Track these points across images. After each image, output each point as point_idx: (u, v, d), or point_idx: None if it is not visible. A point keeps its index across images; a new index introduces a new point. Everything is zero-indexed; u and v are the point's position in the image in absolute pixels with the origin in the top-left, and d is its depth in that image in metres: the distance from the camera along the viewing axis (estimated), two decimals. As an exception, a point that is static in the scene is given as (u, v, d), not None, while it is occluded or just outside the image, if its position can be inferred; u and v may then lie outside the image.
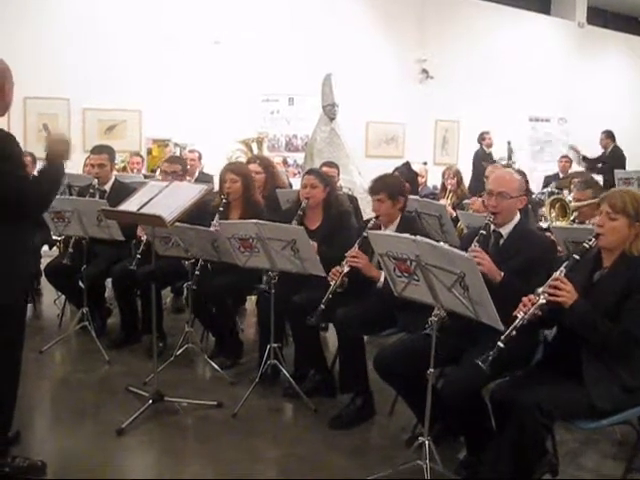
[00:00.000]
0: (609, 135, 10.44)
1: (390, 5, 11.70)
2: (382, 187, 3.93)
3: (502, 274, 3.09)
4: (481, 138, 10.37)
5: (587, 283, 2.91)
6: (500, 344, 2.72)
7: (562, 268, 2.79)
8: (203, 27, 9.77)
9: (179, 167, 5.18)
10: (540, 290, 2.77)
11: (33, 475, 3.17)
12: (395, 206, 3.94)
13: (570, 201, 5.09)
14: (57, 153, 3.20)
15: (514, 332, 2.72)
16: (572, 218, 4.83)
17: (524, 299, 2.78)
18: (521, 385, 2.87)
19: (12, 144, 2.97)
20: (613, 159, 10.13)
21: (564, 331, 2.94)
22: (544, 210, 5.56)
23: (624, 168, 10.06)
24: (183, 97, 9.48)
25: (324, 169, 5.66)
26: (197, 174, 7.62)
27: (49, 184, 3.15)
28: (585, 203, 4.73)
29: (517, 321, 2.74)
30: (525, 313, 2.74)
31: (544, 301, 2.74)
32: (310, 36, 10.59)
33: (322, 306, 3.70)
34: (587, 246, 2.83)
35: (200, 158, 7.89)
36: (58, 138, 3.28)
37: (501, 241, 3.34)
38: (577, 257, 2.81)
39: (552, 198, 5.32)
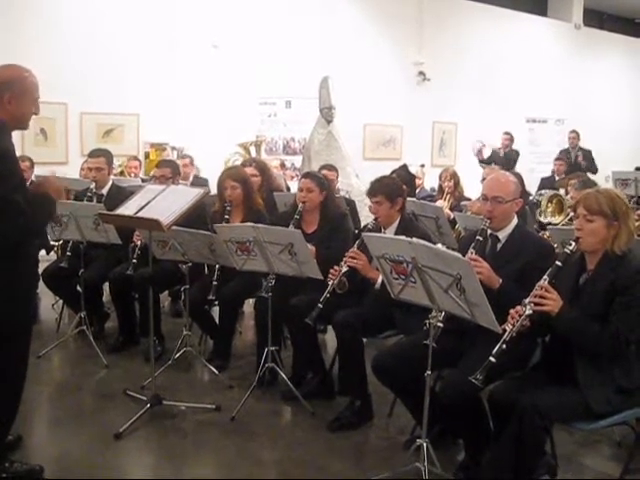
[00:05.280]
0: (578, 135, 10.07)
1: (387, 8, 11.71)
2: (380, 189, 3.93)
3: (500, 280, 3.07)
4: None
5: (574, 288, 2.91)
6: (492, 359, 2.72)
7: (546, 276, 2.78)
8: (201, 31, 9.78)
9: (168, 170, 5.15)
10: (526, 301, 2.77)
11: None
12: (393, 207, 3.93)
13: (568, 200, 5.11)
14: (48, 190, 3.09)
15: (504, 346, 2.72)
16: (569, 217, 4.84)
17: (511, 312, 2.77)
18: (519, 388, 2.86)
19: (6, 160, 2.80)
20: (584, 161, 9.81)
21: (558, 335, 2.94)
22: (542, 203, 5.57)
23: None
24: (181, 101, 9.48)
25: (324, 172, 5.64)
26: (191, 178, 7.62)
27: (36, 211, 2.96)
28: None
29: (506, 334, 2.73)
30: (513, 325, 2.74)
31: (530, 312, 2.74)
32: (307, 39, 10.60)
33: (320, 305, 3.69)
34: (568, 251, 2.81)
35: (192, 162, 7.88)
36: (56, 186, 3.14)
37: (498, 245, 3.31)
38: (559, 264, 2.80)
39: (550, 194, 5.33)
